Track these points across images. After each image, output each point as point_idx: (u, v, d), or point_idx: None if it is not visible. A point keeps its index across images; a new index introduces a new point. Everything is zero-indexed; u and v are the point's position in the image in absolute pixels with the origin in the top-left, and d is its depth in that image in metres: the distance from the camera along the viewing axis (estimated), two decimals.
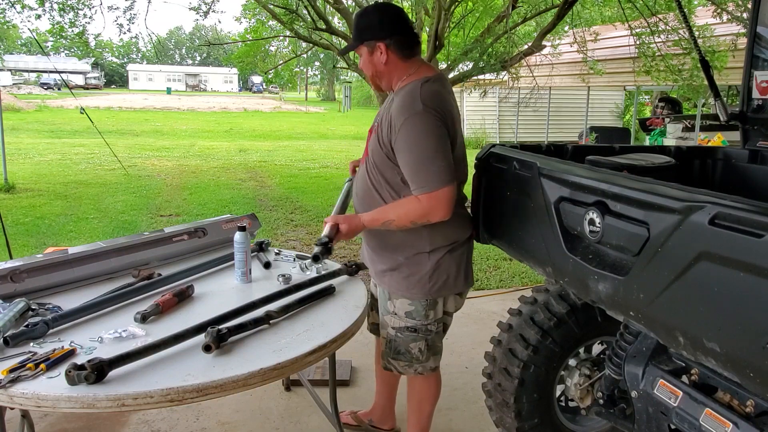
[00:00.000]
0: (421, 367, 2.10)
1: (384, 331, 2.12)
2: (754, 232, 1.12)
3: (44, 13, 7.28)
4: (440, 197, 1.82)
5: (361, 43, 1.95)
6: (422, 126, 1.81)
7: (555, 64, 10.57)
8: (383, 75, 1.98)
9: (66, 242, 5.38)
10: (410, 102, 1.84)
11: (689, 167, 2.48)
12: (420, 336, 2.05)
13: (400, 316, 2.05)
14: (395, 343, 2.08)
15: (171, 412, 2.64)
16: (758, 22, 2.37)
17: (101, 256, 2.25)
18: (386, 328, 2.10)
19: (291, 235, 5.91)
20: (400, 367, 2.12)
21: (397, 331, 2.06)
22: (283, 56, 11.18)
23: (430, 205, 1.83)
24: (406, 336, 2.05)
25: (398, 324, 2.06)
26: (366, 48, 1.94)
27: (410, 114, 1.82)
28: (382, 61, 1.94)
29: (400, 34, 1.94)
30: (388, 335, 2.09)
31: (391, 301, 2.06)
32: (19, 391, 1.42)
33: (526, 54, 7.50)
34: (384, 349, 2.13)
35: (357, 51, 1.99)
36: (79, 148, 12.77)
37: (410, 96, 1.86)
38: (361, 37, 1.95)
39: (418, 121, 1.81)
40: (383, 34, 1.92)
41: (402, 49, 1.95)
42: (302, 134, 18.91)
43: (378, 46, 1.92)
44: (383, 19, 1.95)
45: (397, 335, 2.06)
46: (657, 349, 1.75)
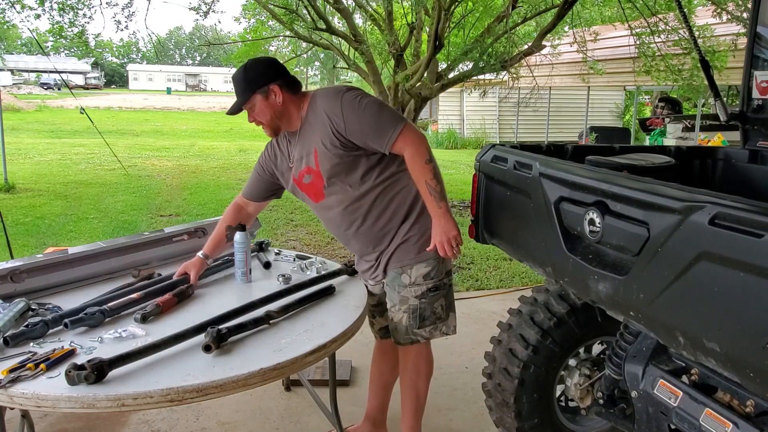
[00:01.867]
0: (445, 327, 2.17)
1: (404, 307, 2.13)
2: (754, 232, 1.12)
3: (44, 13, 7.28)
4: (408, 129, 1.97)
5: (252, 93, 2.01)
6: (355, 95, 2.00)
7: (555, 64, 10.57)
8: (283, 114, 2.06)
9: (66, 242, 5.38)
10: (331, 94, 2.03)
11: (689, 167, 2.48)
12: (441, 293, 2.14)
13: (419, 283, 2.11)
14: (421, 311, 2.12)
15: (171, 412, 2.64)
16: (758, 22, 2.37)
17: (101, 256, 2.25)
18: (407, 303, 2.13)
19: (291, 235, 5.91)
20: (426, 332, 2.15)
21: (420, 297, 2.11)
22: (283, 56, 11.18)
23: (410, 138, 1.97)
24: (431, 298, 2.12)
25: (420, 291, 2.11)
26: (259, 95, 2.01)
27: (340, 95, 1.99)
28: (278, 101, 2.02)
29: (283, 76, 2.05)
30: (411, 307, 2.12)
31: (406, 274, 2.11)
32: (19, 391, 1.42)
33: (526, 54, 7.49)
34: (408, 324, 2.14)
35: (250, 103, 2.03)
36: (79, 148, 12.78)
37: (327, 93, 2.05)
38: (251, 89, 2.01)
39: (350, 95, 1.99)
40: (270, 78, 2.02)
41: (291, 87, 2.05)
42: None
43: (271, 89, 2.01)
44: (264, 66, 2.06)
45: (422, 301, 2.12)
46: (657, 349, 1.75)
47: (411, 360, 2.24)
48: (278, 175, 2.22)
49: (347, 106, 1.96)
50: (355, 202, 2.07)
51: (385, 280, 2.18)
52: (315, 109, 2.03)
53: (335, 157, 2.00)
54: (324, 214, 2.18)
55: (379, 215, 2.09)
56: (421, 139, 2.00)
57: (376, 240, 2.13)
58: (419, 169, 1.97)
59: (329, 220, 2.18)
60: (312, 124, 2.03)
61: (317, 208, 2.18)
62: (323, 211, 2.17)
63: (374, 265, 2.19)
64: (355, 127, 1.96)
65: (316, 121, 2.01)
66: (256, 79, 2.01)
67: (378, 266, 2.18)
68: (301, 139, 2.08)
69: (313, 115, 2.03)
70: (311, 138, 2.04)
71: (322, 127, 1.99)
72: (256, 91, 2.01)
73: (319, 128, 2.01)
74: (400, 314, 2.15)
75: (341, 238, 2.23)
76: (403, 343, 2.19)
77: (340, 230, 2.17)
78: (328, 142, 1.99)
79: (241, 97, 2.02)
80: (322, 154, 2.02)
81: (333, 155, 2.00)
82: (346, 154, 2.00)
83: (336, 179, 2.05)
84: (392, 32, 7.82)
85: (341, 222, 2.13)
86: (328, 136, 1.98)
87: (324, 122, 1.99)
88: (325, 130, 1.99)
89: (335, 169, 2.02)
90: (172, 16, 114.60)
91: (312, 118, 2.03)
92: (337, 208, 2.11)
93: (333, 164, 2.02)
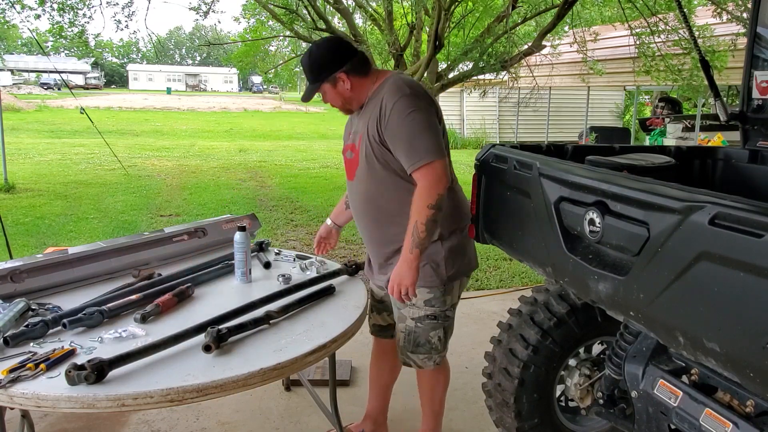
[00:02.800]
0: (438, 357, 2.14)
1: (402, 325, 2.12)
2: (754, 232, 1.12)
3: (44, 13, 7.27)
4: (437, 167, 1.87)
5: (321, 83, 2.01)
6: (412, 105, 1.90)
7: (555, 64, 10.57)
8: (353, 99, 2.05)
9: (66, 242, 5.38)
10: (396, 89, 1.94)
11: (689, 167, 2.48)
12: (439, 323, 2.09)
13: (419, 306, 2.07)
14: (415, 335, 2.10)
15: (171, 412, 2.64)
16: (758, 22, 2.37)
17: (101, 256, 2.25)
18: (404, 321, 2.11)
19: (291, 235, 5.91)
20: (419, 360, 2.13)
21: (417, 321, 2.08)
22: (283, 56, 11.18)
23: (431, 176, 1.87)
24: (427, 325, 2.08)
25: (418, 314, 2.08)
26: (328, 84, 2.01)
27: (399, 96, 1.91)
28: (347, 88, 2.01)
29: (350, 58, 2.01)
30: (407, 328, 2.10)
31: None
32: (19, 391, 1.42)
33: (526, 54, 7.50)
34: (402, 344, 2.14)
35: (320, 91, 2.04)
36: (79, 148, 12.77)
37: (395, 86, 1.96)
38: (320, 78, 2.00)
39: (407, 101, 1.90)
40: (338, 65, 1.99)
41: (359, 69, 2.02)
42: (302, 134, 18.91)
43: (339, 78, 1.99)
44: (330, 53, 2.02)
45: (417, 325, 2.08)
46: (657, 349, 1.75)
47: (426, 378, 2.23)
48: None
49: (396, 109, 1.90)
50: (375, 196, 2.06)
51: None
52: (378, 95, 1.99)
53: (371, 146, 1.99)
54: (350, 194, 2.18)
55: (393, 221, 2.03)
56: (441, 184, 1.88)
57: (387, 245, 2.09)
58: (419, 207, 1.87)
59: (353, 203, 2.17)
60: (370, 106, 2.01)
61: (348, 186, 2.18)
62: (350, 192, 2.18)
63: (380, 263, 2.16)
64: (392, 132, 1.92)
65: (374, 105, 1.99)
66: (322, 69, 2.00)
67: (382, 270, 2.15)
68: (360, 116, 2.07)
69: (375, 99, 2.00)
70: (364, 119, 2.02)
71: (374, 113, 1.98)
72: (324, 81, 2.00)
73: (372, 115, 1.98)
74: (398, 332, 2.16)
75: (359, 225, 2.20)
76: (400, 361, 2.20)
77: (358, 217, 2.16)
78: (372, 129, 1.97)
79: (310, 86, 2.03)
80: (365, 139, 2.01)
81: (370, 143, 1.99)
82: (379, 148, 1.97)
83: (366, 166, 2.03)
84: (392, 32, 7.82)
85: (360, 209, 2.13)
86: (374, 124, 1.97)
87: (376, 110, 1.97)
88: (374, 117, 1.97)
89: (368, 157, 2.01)
90: (172, 16, 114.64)
91: (373, 102, 2.01)
92: (361, 194, 2.10)
93: (367, 151, 2.00)
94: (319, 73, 2.00)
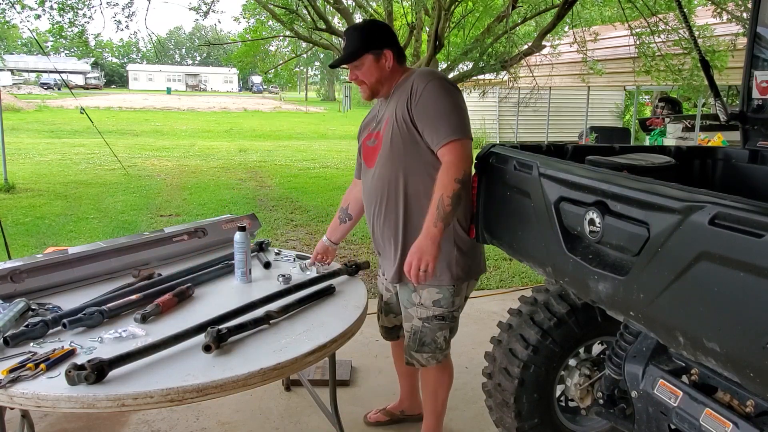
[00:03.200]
0: (441, 356, 2.17)
1: (408, 324, 2.14)
2: (754, 232, 1.11)
3: (44, 13, 7.27)
4: (466, 145, 1.92)
5: (366, 51, 2.01)
6: (443, 87, 1.97)
7: (555, 64, 10.56)
8: (386, 81, 2.07)
9: (66, 242, 5.38)
10: (428, 73, 2.03)
11: (689, 167, 2.48)
12: (446, 324, 2.11)
13: (427, 306, 2.08)
14: (421, 335, 2.12)
15: (171, 412, 2.64)
16: (758, 22, 2.37)
17: (101, 256, 2.25)
18: (411, 321, 2.13)
19: (291, 235, 5.91)
20: (423, 359, 2.16)
21: (424, 321, 2.10)
22: (283, 56, 11.18)
23: (459, 152, 1.89)
24: (434, 325, 2.10)
25: (425, 314, 2.09)
26: (372, 55, 2.02)
27: (431, 78, 1.98)
28: (388, 66, 2.04)
29: (396, 44, 2.09)
30: (413, 327, 2.12)
31: (417, 292, 2.09)
32: (19, 391, 1.42)
33: (526, 54, 7.49)
34: (407, 343, 2.16)
35: (360, 60, 2.03)
36: (79, 148, 12.78)
37: (426, 71, 2.05)
38: (366, 47, 2.01)
39: (439, 83, 1.97)
40: (387, 42, 2.04)
41: (400, 57, 2.08)
42: (302, 134, 18.91)
43: (385, 53, 2.03)
44: (383, 29, 2.10)
45: (424, 325, 2.10)
46: (657, 349, 1.75)
47: (432, 373, 2.26)
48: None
49: (429, 88, 1.94)
50: (394, 182, 2.05)
51: (398, 291, 2.18)
52: (407, 82, 2.03)
53: (398, 128, 2.00)
54: (367, 181, 2.17)
55: (407, 212, 2.04)
56: (468, 161, 1.93)
57: (396, 237, 2.08)
58: (446, 181, 1.87)
59: (369, 189, 2.16)
60: (398, 94, 2.05)
61: (365, 175, 2.19)
62: (367, 179, 2.17)
63: (390, 261, 2.14)
64: (422, 108, 1.94)
65: (402, 92, 2.02)
66: (373, 38, 2.02)
67: (392, 269, 2.13)
68: (387, 104, 2.11)
69: (403, 87, 2.03)
70: (391, 106, 2.06)
71: (402, 97, 2.00)
72: (370, 50, 2.00)
73: (400, 98, 2.01)
74: (405, 331, 2.18)
75: (369, 216, 2.19)
76: (405, 358, 2.22)
77: (373, 202, 2.13)
78: (401, 110, 1.99)
79: (352, 52, 2.01)
80: (392, 122, 2.03)
81: (398, 124, 2.00)
82: (407, 129, 1.98)
83: (390, 149, 2.03)
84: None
85: (375, 196, 2.10)
86: (403, 105, 1.99)
87: (405, 94, 1.99)
88: (403, 99, 1.99)
89: (394, 138, 2.01)
90: (172, 16, 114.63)
91: (401, 90, 2.04)
92: (379, 180, 2.09)
93: (394, 133, 2.01)
94: (370, 42, 2.01)
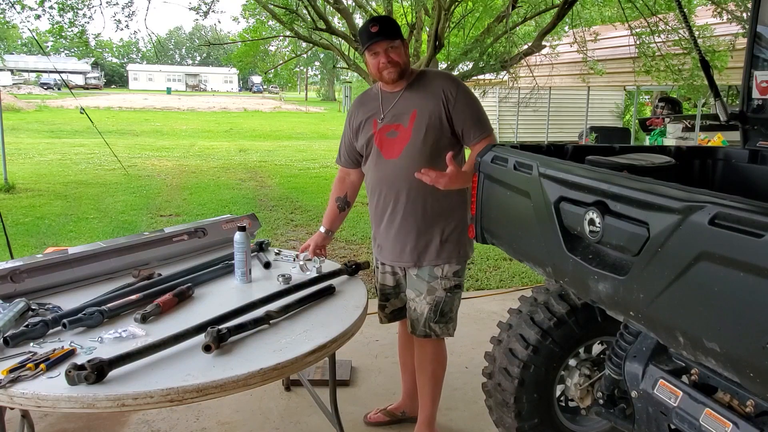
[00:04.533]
0: (452, 328, 2.36)
1: (430, 297, 2.29)
2: (754, 232, 1.11)
3: (44, 13, 7.27)
4: (495, 138, 2.27)
5: (402, 39, 2.24)
6: (470, 91, 2.28)
7: (555, 64, 10.56)
8: (408, 68, 2.25)
9: (66, 242, 5.38)
10: (451, 77, 2.33)
11: (689, 167, 2.48)
12: (459, 294, 2.35)
13: (449, 278, 2.30)
14: (443, 305, 2.30)
15: (171, 412, 2.64)
16: (758, 22, 2.37)
17: (101, 256, 2.25)
18: (434, 293, 2.29)
19: (291, 235, 5.91)
20: (439, 329, 2.32)
21: (447, 291, 2.30)
22: (283, 56, 11.18)
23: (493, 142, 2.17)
24: (454, 294, 2.32)
25: (449, 285, 2.30)
26: (404, 45, 2.23)
27: (459, 83, 2.28)
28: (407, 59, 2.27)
29: None
30: (436, 299, 2.29)
31: (440, 267, 2.28)
32: (19, 391, 1.42)
33: (526, 54, 7.50)
34: (426, 316, 2.29)
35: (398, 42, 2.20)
36: (79, 148, 12.78)
37: (447, 75, 2.34)
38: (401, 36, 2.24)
39: (466, 87, 2.28)
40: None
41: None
42: (302, 134, 18.92)
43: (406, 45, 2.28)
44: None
45: (447, 295, 2.30)
46: (657, 349, 1.75)
47: (431, 349, 2.38)
48: (356, 130, 2.35)
49: (462, 91, 2.23)
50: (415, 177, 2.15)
51: (415, 272, 2.30)
52: (426, 82, 2.25)
53: (432, 126, 2.19)
54: (383, 171, 2.27)
55: (432, 198, 2.21)
56: None
57: (418, 224, 2.24)
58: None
59: (388, 180, 2.26)
60: (419, 91, 2.23)
61: (382, 165, 2.27)
62: (386, 169, 2.26)
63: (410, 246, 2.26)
64: (462, 108, 2.20)
65: (427, 91, 2.23)
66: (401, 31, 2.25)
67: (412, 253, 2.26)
68: (402, 100, 2.25)
69: (424, 85, 2.24)
70: (414, 102, 2.23)
71: (434, 98, 2.21)
72: (403, 39, 2.22)
73: (429, 98, 2.21)
74: (423, 305, 2.29)
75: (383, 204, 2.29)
76: (419, 334, 2.33)
77: (390, 193, 2.26)
78: (436, 111, 2.20)
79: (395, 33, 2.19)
80: (424, 119, 2.20)
81: (431, 123, 2.19)
82: (440, 129, 2.20)
83: (422, 144, 2.20)
84: None
85: (398, 185, 2.23)
86: (436, 106, 2.20)
87: (437, 95, 2.20)
88: (436, 101, 2.20)
89: (428, 136, 2.20)
90: (172, 16, 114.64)
91: (421, 87, 2.24)
92: (405, 170, 2.20)
93: (428, 130, 2.20)
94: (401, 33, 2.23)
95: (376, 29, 2.15)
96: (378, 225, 2.36)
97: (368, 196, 2.39)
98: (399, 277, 2.40)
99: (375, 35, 2.15)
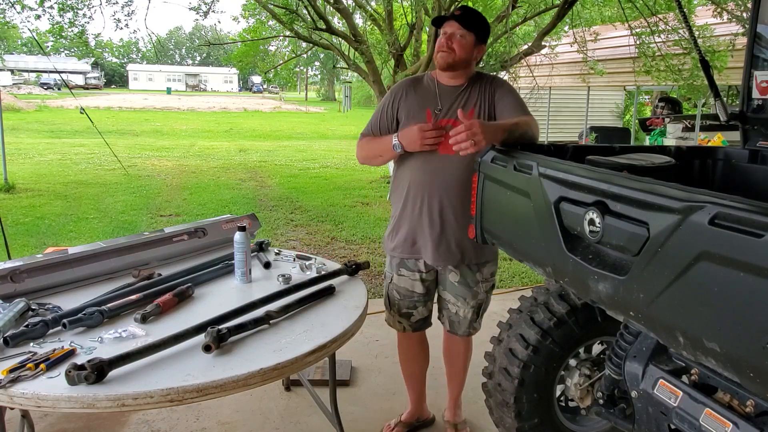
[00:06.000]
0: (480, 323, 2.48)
1: (474, 301, 2.38)
2: (754, 232, 1.11)
3: (44, 13, 7.28)
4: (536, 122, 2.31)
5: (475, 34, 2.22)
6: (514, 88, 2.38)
7: (555, 64, 10.56)
8: (466, 66, 2.26)
9: (66, 242, 5.39)
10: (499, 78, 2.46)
11: (689, 167, 2.48)
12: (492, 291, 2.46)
13: (488, 279, 2.40)
14: (485, 304, 2.43)
15: (171, 412, 2.64)
16: (758, 22, 2.37)
17: (101, 256, 2.25)
18: (476, 297, 2.37)
19: (291, 235, 5.91)
20: (478, 325, 2.46)
21: (488, 292, 2.42)
22: (283, 56, 11.18)
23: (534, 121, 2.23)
24: (491, 292, 2.44)
25: (488, 287, 2.41)
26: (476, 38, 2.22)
27: (503, 80, 2.40)
28: (474, 58, 2.28)
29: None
30: (479, 302, 2.39)
31: (480, 271, 2.35)
32: (19, 391, 1.42)
33: (525, 54, 7.50)
34: (471, 318, 2.40)
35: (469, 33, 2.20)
36: (79, 148, 12.78)
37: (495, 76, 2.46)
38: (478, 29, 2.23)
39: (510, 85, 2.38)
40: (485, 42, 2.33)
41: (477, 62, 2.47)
42: (302, 134, 18.92)
43: (482, 48, 2.31)
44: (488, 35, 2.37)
45: (488, 295, 2.42)
46: (657, 349, 1.75)
47: (465, 347, 2.53)
48: (402, 114, 2.30)
49: (506, 87, 2.31)
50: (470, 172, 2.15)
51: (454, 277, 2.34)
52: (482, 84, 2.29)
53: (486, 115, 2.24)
54: (438, 166, 2.24)
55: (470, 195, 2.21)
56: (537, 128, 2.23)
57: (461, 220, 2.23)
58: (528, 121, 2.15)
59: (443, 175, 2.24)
60: (476, 92, 2.27)
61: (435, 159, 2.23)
62: (441, 163, 2.23)
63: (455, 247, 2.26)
64: (506, 98, 2.25)
65: (482, 92, 2.27)
66: (484, 31, 2.28)
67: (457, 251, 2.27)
68: (463, 95, 2.27)
69: (473, 89, 2.28)
70: (473, 99, 2.26)
71: (481, 96, 2.26)
72: (479, 34, 2.23)
73: (482, 97, 2.26)
74: (467, 309, 2.38)
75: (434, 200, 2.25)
76: (462, 334, 2.45)
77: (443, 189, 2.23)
78: (486, 107, 2.25)
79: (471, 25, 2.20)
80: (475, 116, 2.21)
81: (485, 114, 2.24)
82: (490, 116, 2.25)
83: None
84: (392, 32, 7.83)
85: (453, 182, 2.22)
86: (486, 102, 2.25)
87: (484, 94, 2.26)
88: (483, 98, 2.25)
89: None
90: (172, 16, 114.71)
91: (478, 89, 2.28)
92: (460, 170, 2.20)
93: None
94: (481, 29, 2.25)
95: (458, 13, 2.20)
96: (418, 223, 2.27)
97: (405, 193, 2.29)
98: (429, 283, 2.37)
99: (452, 16, 2.20)
